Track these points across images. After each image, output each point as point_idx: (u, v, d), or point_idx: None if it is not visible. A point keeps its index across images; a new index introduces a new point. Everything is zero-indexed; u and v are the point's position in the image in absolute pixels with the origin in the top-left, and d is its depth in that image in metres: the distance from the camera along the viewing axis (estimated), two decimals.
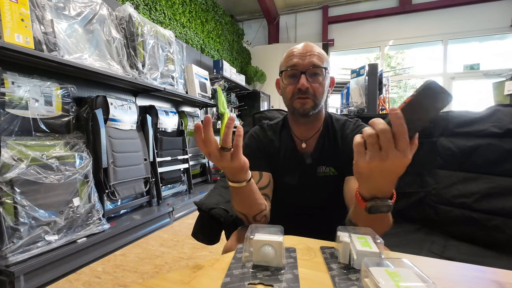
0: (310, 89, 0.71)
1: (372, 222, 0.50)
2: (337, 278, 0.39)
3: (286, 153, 0.81)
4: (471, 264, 0.45)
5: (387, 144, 0.39)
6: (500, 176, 0.91)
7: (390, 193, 0.47)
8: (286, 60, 0.75)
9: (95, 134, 1.80)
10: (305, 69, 0.71)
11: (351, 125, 0.79)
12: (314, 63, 0.71)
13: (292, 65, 0.72)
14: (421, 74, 5.08)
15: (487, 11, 4.37)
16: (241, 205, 0.65)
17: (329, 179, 0.77)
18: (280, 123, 0.86)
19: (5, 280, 1.21)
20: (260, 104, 4.69)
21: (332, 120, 0.82)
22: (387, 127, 0.39)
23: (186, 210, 2.54)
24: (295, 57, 0.73)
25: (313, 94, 0.72)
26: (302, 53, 0.72)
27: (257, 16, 5.62)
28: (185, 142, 2.84)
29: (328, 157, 0.78)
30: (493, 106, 1.01)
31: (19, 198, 1.31)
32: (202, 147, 0.52)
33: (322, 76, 0.72)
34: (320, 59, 0.72)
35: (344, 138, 0.77)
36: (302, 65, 0.71)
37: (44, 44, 1.52)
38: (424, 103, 0.37)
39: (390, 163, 0.40)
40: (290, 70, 0.73)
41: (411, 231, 1.00)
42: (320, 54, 0.73)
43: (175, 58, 2.69)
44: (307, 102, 0.72)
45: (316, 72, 0.72)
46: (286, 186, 0.80)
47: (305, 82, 0.70)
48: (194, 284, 0.39)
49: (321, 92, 0.73)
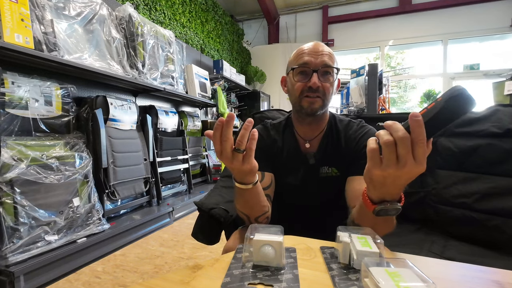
0: (321, 88, 0.71)
1: (378, 224, 0.50)
2: (337, 278, 0.39)
3: (289, 153, 0.81)
4: (471, 264, 0.45)
5: (406, 152, 0.37)
6: (500, 176, 0.91)
7: (399, 196, 0.46)
8: (297, 57, 0.74)
9: (95, 134, 1.80)
10: (317, 68, 0.70)
11: (354, 126, 0.79)
12: (326, 62, 0.71)
13: (304, 62, 0.71)
14: (421, 74, 5.08)
15: (487, 11, 4.37)
16: (244, 206, 0.65)
17: (331, 180, 0.77)
18: (283, 123, 0.85)
19: (5, 280, 1.21)
20: (260, 104, 4.69)
21: (336, 120, 0.81)
22: (407, 135, 0.37)
23: (186, 210, 2.54)
24: (307, 55, 0.72)
25: (323, 93, 0.71)
26: (314, 51, 0.72)
27: (257, 16, 5.62)
28: (185, 142, 2.84)
29: (331, 157, 0.78)
30: (493, 106, 1.01)
31: (19, 198, 1.31)
32: (217, 144, 0.50)
33: (332, 76, 0.72)
34: (331, 59, 0.72)
35: (347, 139, 0.77)
36: (314, 64, 0.71)
37: (44, 44, 1.52)
38: (449, 110, 0.35)
39: (406, 171, 0.38)
40: (302, 67, 0.72)
41: (411, 231, 1.00)
42: (331, 54, 0.73)
43: (175, 58, 2.69)
44: (316, 101, 0.72)
45: (328, 71, 0.72)
46: (287, 186, 0.80)
47: (316, 81, 0.70)
48: (194, 284, 0.39)
49: (330, 92, 0.73)
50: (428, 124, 0.36)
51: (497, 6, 4.32)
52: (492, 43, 4.56)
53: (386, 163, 0.39)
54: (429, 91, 4.30)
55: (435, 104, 0.36)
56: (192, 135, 3.13)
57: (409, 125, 0.37)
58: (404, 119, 0.38)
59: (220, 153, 0.51)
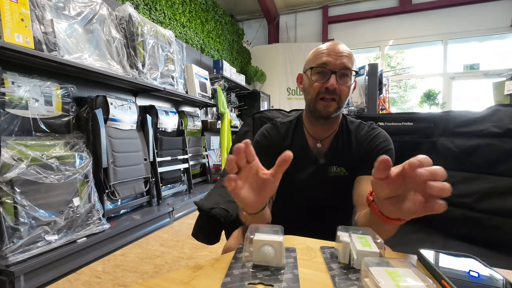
0: (337, 90, 0.70)
1: (384, 231, 0.50)
2: (337, 278, 0.39)
3: (298, 152, 0.81)
4: None
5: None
6: (500, 176, 0.91)
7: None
8: (315, 56, 0.73)
9: (95, 134, 1.80)
10: (336, 69, 0.69)
11: (365, 127, 0.79)
12: (345, 64, 0.70)
13: (323, 63, 0.71)
14: (421, 74, 5.08)
15: (487, 11, 4.37)
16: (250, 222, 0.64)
17: (340, 179, 0.77)
18: (294, 122, 0.85)
19: (5, 280, 1.21)
20: (260, 104, 4.69)
21: (347, 121, 0.82)
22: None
23: (186, 210, 2.54)
24: (326, 56, 0.71)
25: (339, 96, 0.71)
26: (334, 52, 0.71)
27: (257, 16, 5.62)
28: (185, 142, 2.84)
29: (341, 157, 0.78)
30: (493, 106, 1.01)
31: (19, 198, 1.31)
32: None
33: (350, 79, 0.71)
34: (350, 61, 0.71)
35: (358, 140, 0.77)
36: (333, 65, 0.70)
37: (44, 44, 1.52)
38: None
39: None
40: (321, 67, 0.71)
41: (411, 231, 1.00)
42: (350, 55, 0.72)
43: (175, 58, 2.69)
44: (331, 105, 0.71)
45: (346, 74, 0.71)
46: (293, 185, 0.80)
47: (334, 82, 0.69)
48: (194, 284, 0.39)
49: (346, 95, 0.72)
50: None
51: (497, 6, 4.31)
52: (492, 43, 4.56)
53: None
54: (429, 91, 4.30)
55: None
56: (192, 135, 3.13)
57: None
58: (404, 119, 0.38)
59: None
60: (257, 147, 0.81)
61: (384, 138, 0.75)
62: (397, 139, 1.07)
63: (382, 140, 0.75)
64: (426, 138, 1.07)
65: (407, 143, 1.07)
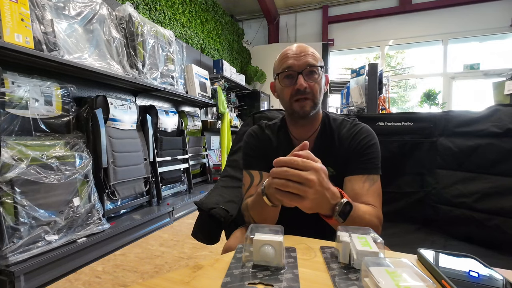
0: (308, 89, 0.71)
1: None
2: (337, 278, 0.39)
3: (285, 154, 0.81)
4: None
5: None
6: (500, 176, 0.91)
7: (330, 204, 0.53)
8: (280, 62, 0.75)
9: (95, 134, 1.80)
10: (301, 69, 0.71)
11: (348, 125, 0.79)
12: (309, 62, 0.71)
13: (288, 66, 0.72)
14: (421, 74, 5.08)
15: (487, 11, 4.37)
16: (259, 215, 0.65)
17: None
18: (278, 124, 0.85)
19: (5, 280, 1.21)
20: (260, 104, 4.69)
21: (329, 119, 0.81)
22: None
23: (186, 210, 2.54)
24: (289, 59, 0.72)
25: (311, 93, 0.72)
26: (296, 53, 0.72)
27: (257, 16, 5.62)
28: (185, 142, 2.84)
29: (326, 157, 0.77)
30: (493, 106, 1.00)
31: (19, 198, 1.31)
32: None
33: (318, 74, 0.72)
34: (315, 58, 0.73)
35: (341, 137, 0.77)
36: (298, 66, 0.71)
37: (44, 44, 1.52)
38: None
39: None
40: (287, 71, 0.73)
41: (411, 231, 1.00)
42: (314, 53, 0.73)
43: (175, 58, 2.69)
44: (307, 104, 0.72)
45: (313, 71, 0.72)
46: None
47: (303, 82, 0.70)
48: (194, 284, 0.39)
49: (319, 91, 0.73)
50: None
51: (497, 6, 4.32)
52: (492, 43, 4.56)
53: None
54: (429, 90, 4.30)
55: None
56: (192, 135, 3.13)
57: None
58: (404, 119, 0.38)
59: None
60: (247, 147, 0.82)
61: (367, 133, 0.75)
62: (397, 139, 1.07)
63: (364, 136, 0.74)
64: (426, 138, 1.07)
65: (407, 143, 1.07)
